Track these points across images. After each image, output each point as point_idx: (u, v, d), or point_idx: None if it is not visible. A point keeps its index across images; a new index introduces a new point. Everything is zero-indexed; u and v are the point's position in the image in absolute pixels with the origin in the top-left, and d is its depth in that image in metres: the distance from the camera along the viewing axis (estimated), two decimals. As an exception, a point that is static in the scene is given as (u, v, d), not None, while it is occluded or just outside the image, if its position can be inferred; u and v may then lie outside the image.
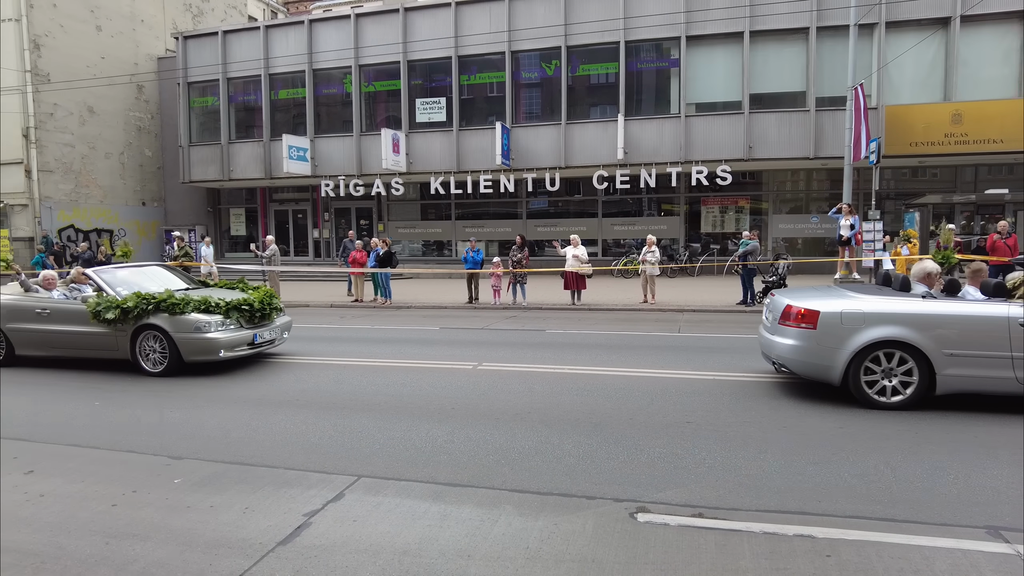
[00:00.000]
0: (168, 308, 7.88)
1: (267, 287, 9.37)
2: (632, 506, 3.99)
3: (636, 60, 20.30)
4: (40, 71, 23.22)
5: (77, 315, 8.29)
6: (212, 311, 7.99)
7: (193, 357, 7.89)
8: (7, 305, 8.77)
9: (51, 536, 3.77)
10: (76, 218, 24.72)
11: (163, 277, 9.36)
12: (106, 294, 8.28)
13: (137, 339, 8.01)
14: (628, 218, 22.53)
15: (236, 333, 8.10)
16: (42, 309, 8.53)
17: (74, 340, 8.39)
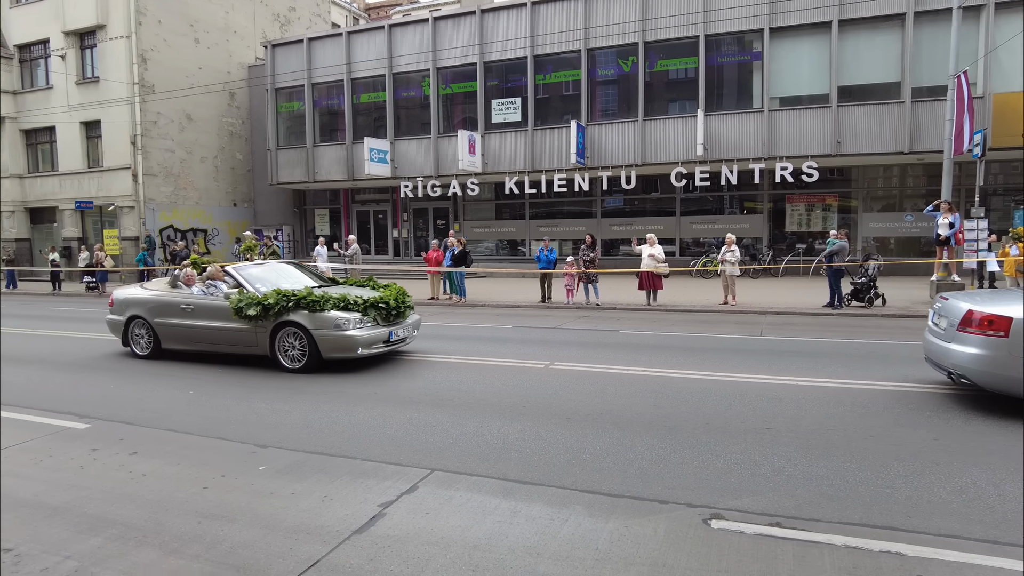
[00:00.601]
0: (308, 305, 7.91)
1: (398, 285, 9.33)
2: (706, 512, 3.89)
3: (716, 54, 19.72)
4: (146, 83, 24.97)
5: (219, 311, 8.46)
6: (351, 308, 7.97)
7: (331, 354, 7.90)
8: (155, 300, 9.10)
9: (151, 513, 4.05)
10: (175, 218, 26.43)
11: (295, 275, 9.48)
12: (246, 291, 8.39)
13: (277, 335, 8.09)
14: (708, 216, 21.93)
15: (373, 331, 8.06)
16: (186, 305, 8.78)
17: (215, 335, 8.58)
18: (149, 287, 9.62)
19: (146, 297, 9.27)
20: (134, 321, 9.28)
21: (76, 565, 3.43)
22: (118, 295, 9.69)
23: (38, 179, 27.68)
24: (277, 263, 10.07)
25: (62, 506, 4.20)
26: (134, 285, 10.25)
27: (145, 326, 9.18)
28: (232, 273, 8.77)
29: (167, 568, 3.37)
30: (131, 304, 9.35)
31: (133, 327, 9.32)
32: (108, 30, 24.96)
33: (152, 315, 9.05)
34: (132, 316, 9.26)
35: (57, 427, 5.99)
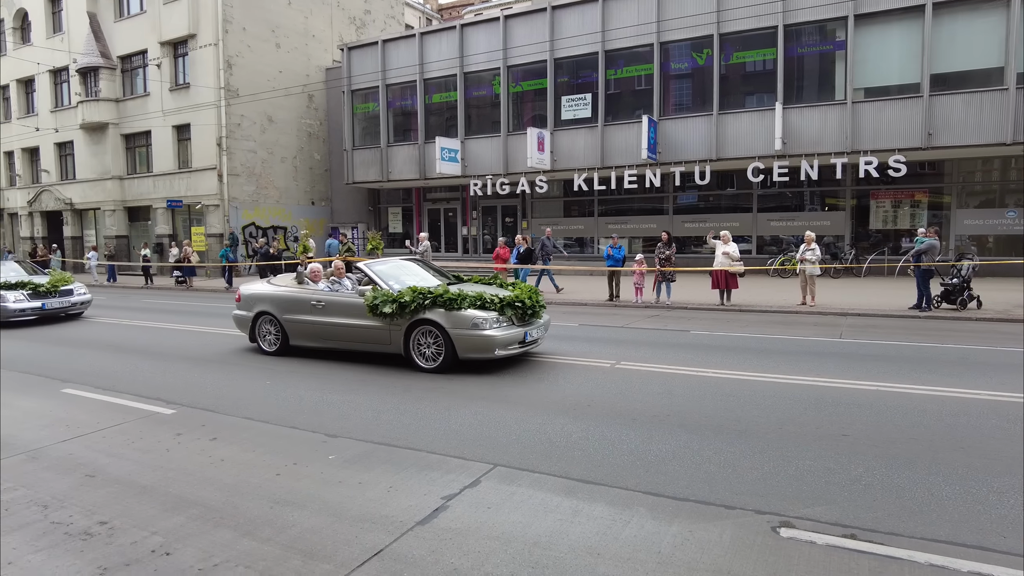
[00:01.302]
0: (445, 303, 7.67)
1: (528, 284, 9.06)
2: (775, 520, 3.74)
3: (796, 44, 18.92)
4: (231, 87, 26.25)
5: (352, 308, 8.32)
6: (488, 307, 7.70)
7: (468, 354, 7.65)
8: (284, 297, 9.00)
9: (228, 496, 4.26)
10: (256, 216, 27.67)
11: (421, 271, 9.29)
12: (380, 288, 8.21)
13: (411, 334, 7.89)
14: (786, 213, 21.09)
15: (510, 331, 7.75)
16: (317, 302, 8.65)
17: (347, 333, 8.44)
18: (276, 283, 9.56)
19: (275, 293, 9.19)
20: (262, 317, 9.23)
21: (161, 540, 3.65)
22: (245, 291, 9.63)
23: (135, 180, 29.59)
24: (402, 259, 9.87)
25: (150, 485, 4.48)
26: (260, 281, 10.23)
27: (273, 322, 9.11)
28: (364, 270, 8.61)
29: (241, 549, 3.54)
30: (259, 300, 9.29)
31: (260, 323, 9.27)
32: (198, 39, 26.38)
33: (281, 311, 8.98)
34: (260, 312, 9.22)
35: (147, 411, 6.39)
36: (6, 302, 12.89)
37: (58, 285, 13.71)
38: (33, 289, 13.32)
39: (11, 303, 12.91)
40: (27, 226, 34.10)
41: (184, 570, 3.34)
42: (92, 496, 4.31)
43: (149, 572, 3.33)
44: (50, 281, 13.74)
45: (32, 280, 13.69)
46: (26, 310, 13.06)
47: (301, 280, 9.20)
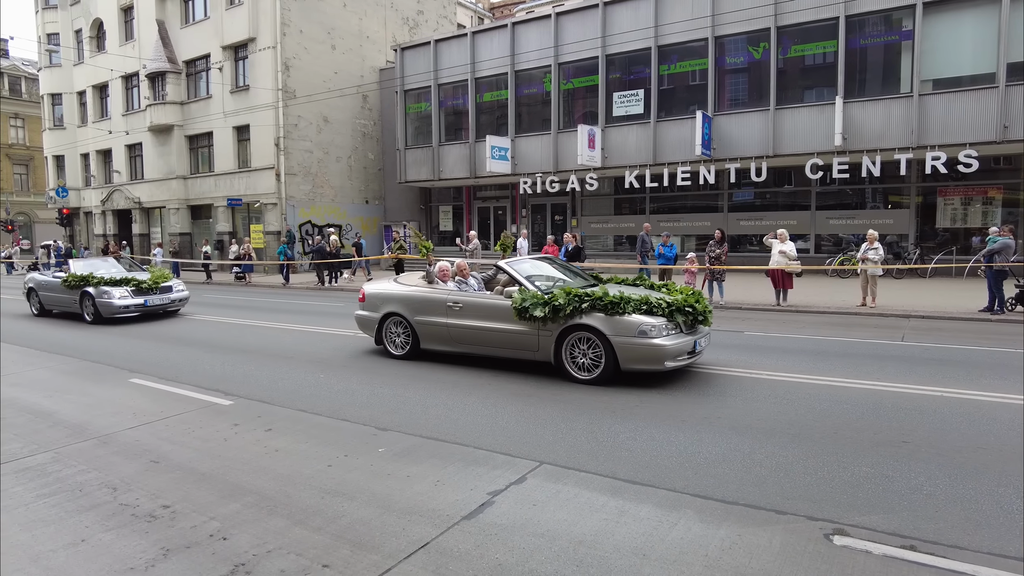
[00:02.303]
0: (605, 307, 6.88)
1: (688, 287, 8.11)
2: (828, 527, 3.62)
3: (858, 36, 18.21)
4: (288, 89, 27.01)
5: (495, 311, 7.63)
6: (654, 312, 6.86)
7: (633, 365, 6.81)
8: (416, 297, 8.44)
9: (282, 485, 4.40)
10: (312, 215, 28.41)
11: (557, 271, 8.61)
12: (526, 289, 7.51)
13: (564, 341, 7.14)
14: (846, 211, 20.35)
15: (680, 339, 6.88)
16: (454, 303, 8.01)
17: (488, 337, 7.77)
18: (404, 282, 9.01)
19: (406, 293, 8.59)
20: (390, 319, 8.68)
21: (218, 526, 3.80)
22: (371, 290, 9.10)
23: (198, 179, 30.79)
24: (535, 258, 9.18)
25: (209, 473, 4.66)
26: (385, 279, 9.66)
27: (403, 324, 8.54)
28: (507, 269, 7.92)
29: (293, 537, 3.65)
30: (388, 300, 8.72)
31: (388, 325, 8.72)
32: (258, 42, 27.24)
33: (412, 312, 8.40)
34: (388, 313, 8.66)
35: (207, 402, 6.65)
36: (112, 298, 12.88)
37: (159, 282, 13.70)
38: (136, 286, 13.25)
39: (116, 299, 12.89)
40: (100, 224, 35.93)
41: (240, 554, 3.46)
42: (156, 481, 4.52)
43: (207, 555, 3.47)
44: (152, 278, 13.71)
45: (135, 276, 13.63)
46: (130, 306, 13.02)
47: (431, 279, 8.60)
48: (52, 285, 14.14)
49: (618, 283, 8.41)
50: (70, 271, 13.67)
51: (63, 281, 13.52)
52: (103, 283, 13.07)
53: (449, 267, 8.68)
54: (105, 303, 12.84)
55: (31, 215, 51.80)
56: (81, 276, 13.27)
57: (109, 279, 13.21)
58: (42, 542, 3.68)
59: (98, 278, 13.19)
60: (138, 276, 13.73)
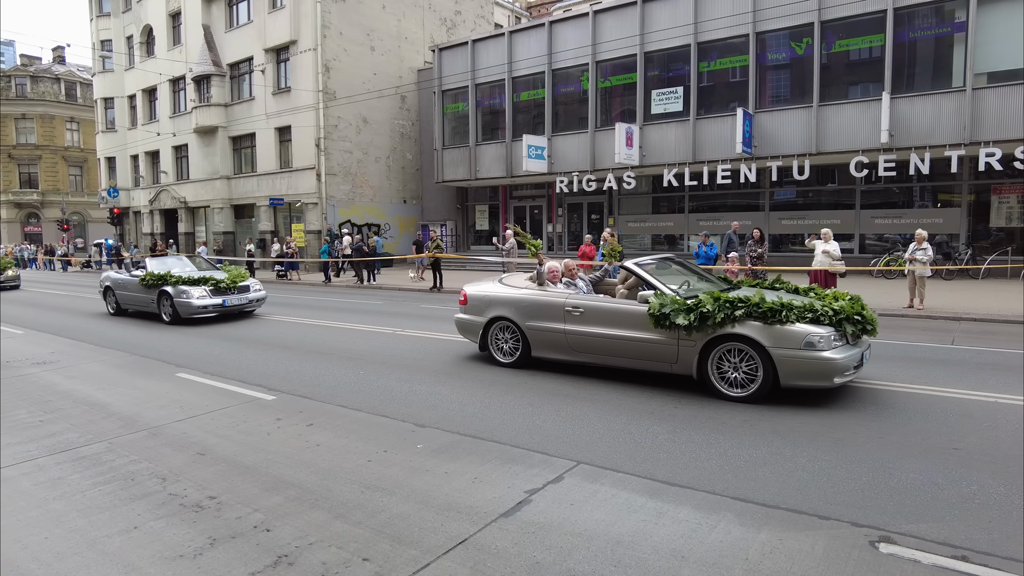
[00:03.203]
0: (763, 315, 6.09)
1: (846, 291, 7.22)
2: (874, 534, 3.53)
3: (907, 29, 17.66)
4: (328, 90, 27.47)
5: (625, 317, 6.93)
6: (821, 321, 6.09)
7: (796, 381, 6.01)
8: (528, 301, 7.78)
9: (323, 480, 4.49)
10: (352, 214, 28.84)
11: (679, 271, 7.89)
12: (662, 293, 6.72)
13: (712, 352, 6.36)
14: (893, 210, 19.76)
15: (849, 352, 6.04)
16: (574, 307, 7.31)
17: (616, 346, 7.02)
18: (511, 283, 8.37)
19: (515, 296, 7.94)
20: (497, 323, 8.04)
21: (262, 517, 3.90)
22: (474, 292, 8.46)
23: (241, 179, 31.56)
24: (659, 257, 8.12)
25: (252, 466, 4.79)
26: (489, 281, 8.83)
27: (511, 330, 7.89)
28: (635, 270, 7.22)
29: (333, 531, 3.72)
30: (494, 304, 8.07)
31: (495, 330, 8.09)
32: (299, 44, 27.78)
33: (523, 317, 7.72)
34: (495, 318, 8.01)
35: (251, 397, 6.82)
36: (191, 298, 12.40)
37: (237, 281, 13.18)
38: (215, 285, 12.75)
39: (195, 299, 12.40)
40: (148, 223, 37.13)
41: (282, 546, 3.55)
42: (203, 473, 4.66)
43: (252, 545, 3.56)
44: (229, 277, 13.19)
45: (213, 276, 13.13)
46: (208, 307, 12.52)
47: (542, 281, 7.99)
48: (129, 284, 13.75)
49: (750, 286, 7.57)
50: (147, 270, 13.30)
51: (140, 280, 13.16)
52: (181, 282, 12.65)
53: (559, 267, 8.07)
54: (184, 303, 12.40)
55: (84, 214, 53.82)
56: (159, 275, 12.89)
57: (187, 278, 12.77)
58: (98, 528, 3.83)
59: (176, 277, 12.77)
60: (216, 275, 13.24)
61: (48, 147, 52.90)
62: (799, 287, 7.44)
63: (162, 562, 3.42)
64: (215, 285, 12.77)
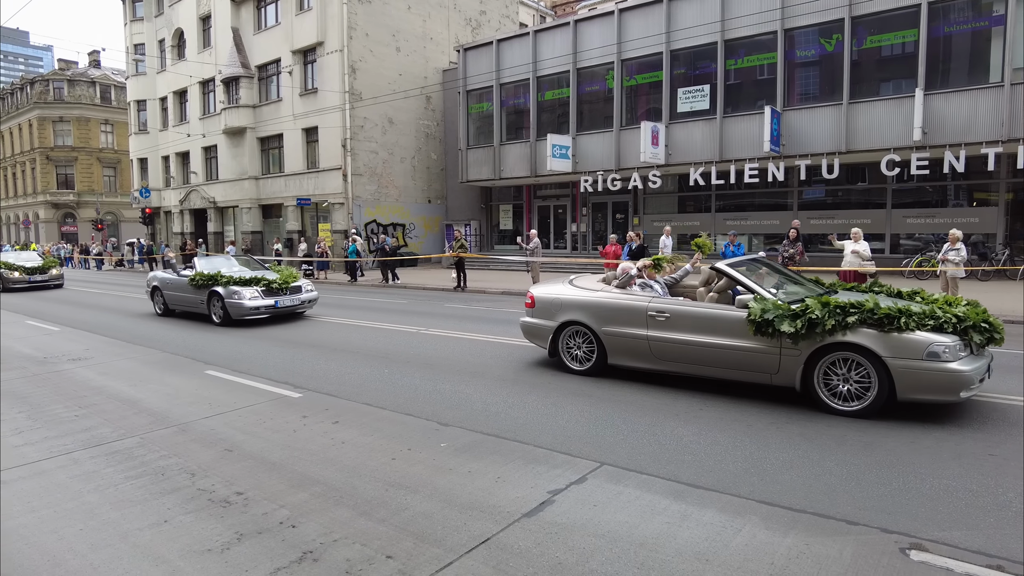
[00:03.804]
0: (879, 322, 5.59)
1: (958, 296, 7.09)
2: (904, 540, 3.46)
3: (942, 23, 17.24)
4: (355, 91, 27.72)
5: (717, 323, 6.36)
6: (944, 329, 5.56)
7: (915, 395, 5.51)
8: (605, 305, 7.25)
9: (348, 477, 4.53)
10: (378, 214, 29.08)
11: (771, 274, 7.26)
12: (762, 297, 6.14)
13: (819, 362, 5.81)
14: (926, 209, 19.31)
15: (976, 363, 5.51)
16: (658, 312, 6.77)
17: (706, 355, 6.45)
18: (583, 285, 7.81)
19: (591, 300, 7.41)
20: (569, 328, 7.55)
21: (288, 514, 3.95)
22: (543, 294, 7.96)
23: (269, 180, 32.00)
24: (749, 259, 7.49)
25: (279, 462, 4.85)
26: (557, 282, 8.30)
27: (585, 335, 7.41)
28: (729, 272, 6.64)
29: (357, 528, 3.76)
30: (567, 307, 7.55)
31: (567, 335, 7.61)
32: (326, 46, 28.08)
33: (600, 322, 7.21)
34: (567, 322, 7.53)
35: (277, 394, 6.92)
36: (242, 299, 11.98)
37: (288, 281, 12.78)
38: (266, 286, 12.36)
39: (247, 300, 11.98)
40: (178, 223, 37.85)
41: (307, 542, 3.59)
42: (230, 469, 4.74)
43: (277, 541, 3.61)
44: (281, 277, 12.81)
45: (264, 276, 12.71)
46: (260, 308, 12.08)
47: (624, 283, 7.51)
48: (178, 284, 13.42)
49: (844, 289, 7.03)
50: (196, 269, 12.98)
51: (190, 280, 12.82)
52: (232, 282, 12.27)
53: (633, 268, 7.62)
54: (235, 304, 11.98)
55: (118, 214, 55.07)
56: (209, 275, 12.54)
57: (238, 278, 12.37)
58: (130, 520, 3.92)
59: (227, 277, 12.40)
60: (267, 275, 12.82)
61: (84, 149, 54.26)
62: (902, 291, 6.84)
63: (191, 556, 3.48)
64: (267, 286, 12.41)
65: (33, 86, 55.25)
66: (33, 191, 55.32)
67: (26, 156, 55.89)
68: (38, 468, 4.86)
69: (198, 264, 13.28)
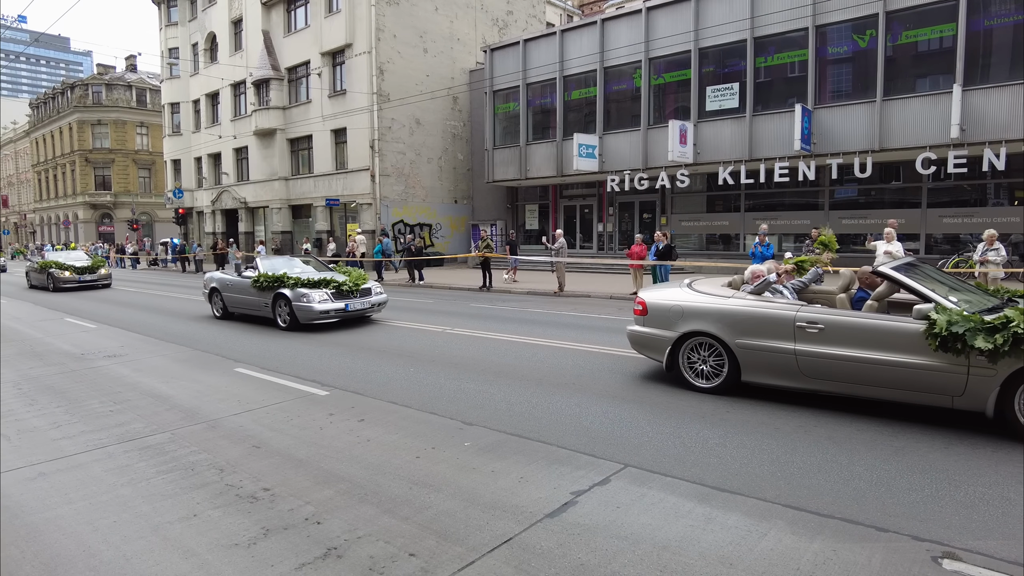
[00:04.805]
0: None
1: None
2: (936, 549, 3.37)
3: (982, 16, 16.75)
4: (383, 92, 27.97)
5: (888, 337, 5.50)
6: None
7: None
8: (740, 313, 6.31)
9: (372, 474, 4.58)
10: (405, 214, 29.30)
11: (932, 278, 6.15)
12: (943, 307, 5.29)
13: (1020, 385, 4.97)
14: (962, 208, 18.80)
15: None
16: (809, 323, 5.86)
17: (869, 373, 5.60)
18: (705, 290, 6.92)
19: (722, 308, 6.46)
20: (693, 339, 6.65)
21: (313, 510, 4.00)
22: (659, 300, 7.06)
23: (298, 180, 32.46)
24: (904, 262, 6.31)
25: (305, 459, 4.92)
26: (673, 287, 7.35)
27: (713, 348, 6.52)
28: (900, 279, 5.73)
29: (381, 525, 3.79)
30: (690, 315, 6.65)
31: (688, 348, 6.72)
32: (354, 48, 28.38)
33: (733, 333, 6.30)
34: (691, 332, 6.62)
35: (305, 392, 7.01)
36: (311, 302, 11.26)
37: (359, 283, 11.98)
38: (336, 288, 11.62)
39: (316, 303, 11.25)
40: (210, 223, 38.60)
41: (332, 538, 3.64)
42: (258, 465, 4.82)
43: (303, 537, 3.66)
44: (351, 278, 12.03)
45: (333, 277, 11.99)
46: (330, 312, 11.37)
47: (761, 289, 6.53)
48: (239, 286, 12.79)
49: (1012, 297, 6.20)
50: (260, 270, 12.33)
51: (253, 282, 12.18)
52: (300, 284, 11.59)
53: (764, 270, 6.82)
54: (304, 307, 11.27)
55: (152, 215, 56.39)
56: (275, 276, 11.86)
57: (307, 280, 11.69)
58: (161, 514, 4.02)
59: (294, 279, 11.72)
60: (336, 277, 12.09)
61: (120, 151, 55.68)
62: None
63: (219, 549, 3.55)
64: (336, 288, 11.65)
65: (73, 90, 56.87)
66: (72, 192, 56.94)
67: (66, 158, 57.53)
68: (75, 461, 5.00)
69: (261, 265, 12.61)
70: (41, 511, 4.11)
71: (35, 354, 9.71)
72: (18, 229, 73.73)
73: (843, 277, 6.93)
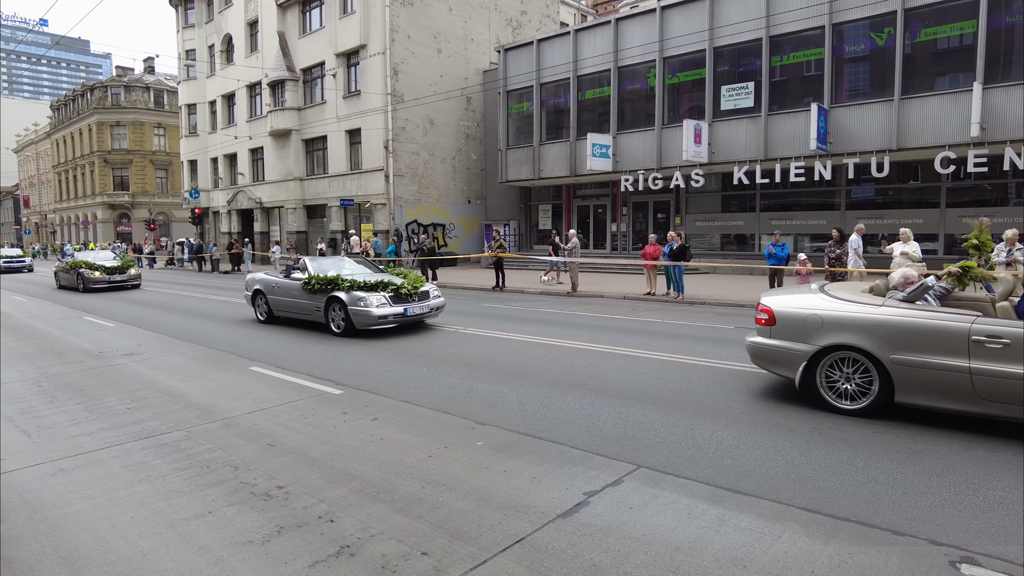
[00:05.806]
0: None
1: None
2: (955, 553, 3.33)
3: (1004, 13, 16.50)
4: (397, 93, 28.08)
5: None
6: None
7: None
8: (898, 324, 5.44)
9: (385, 473, 4.59)
10: (419, 214, 29.40)
11: None
12: None
13: None
14: (982, 208, 18.49)
15: None
16: (990, 337, 4.98)
17: None
18: (843, 296, 6.02)
19: (874, 318, 5.57)
20: (833, 354, 5.75)
21: (326, 508, 4.03)
22: (789, 308, 6.14)
23: (313, 181, 32.67)
24: None
25: (319, 458, 4.95)
26: (802, 292, 6.57)
27: (859, 363, 5.66)
28: None
29: (394, 524, 3.81)
30: (831, 325, 5.76)
31: (829, 363, 5.83)
32: (368, 49, 28.52)
33: (887, 347, 5.44)
34: (832, 346, 5.73)
35: (319, 391, 7.05)
36: (369, 306, 10.55)
37: (417, 286, 11.28)
38: (394, 291, 10.94)
39: (374, 308, 10.53)
40: (225, 223, 38.96)
41: (345, 537, 3.65)
42: (272, 463, 4.86)
43: (316, 535, 3.69)
44: (408, 280, 11.38)
45: (390, 280, 11.31)
46: (388, 316, 10.63)
47: (916, 296, 5.73)
48: (287, 288, 12.00)
49: None
50: (310, 271, 11.60)
51: (304, 284, 11.46)
52: (356, 287, 10.88)
53: (914, 275, 6.05)
54: (361, 312, 10.55)
55: (169, 215, 57.04)
56: (328, 278, 11.16)
57: (362, 283, 11.00)
58: (177, 510, 4.06)
59: (349, 281, 11.02)
60: (393, 280, 11.40)
61: (138, 152, 56.38)
62: None
63: (233, 546, 3.58)
64: (395, 291, 10.96)
65: (93, 92, 57.62)
66: (92, 192, 57.72)
67: (86, 159, 58.34)
68: (94, 458, 5.07)
69: (310, 266, 11.84)
70: (60, 506, 4.17)
71: (55, 352, 9.86)
72: (39, 229, 74.88)
73: (1003, 282, 5.91)
